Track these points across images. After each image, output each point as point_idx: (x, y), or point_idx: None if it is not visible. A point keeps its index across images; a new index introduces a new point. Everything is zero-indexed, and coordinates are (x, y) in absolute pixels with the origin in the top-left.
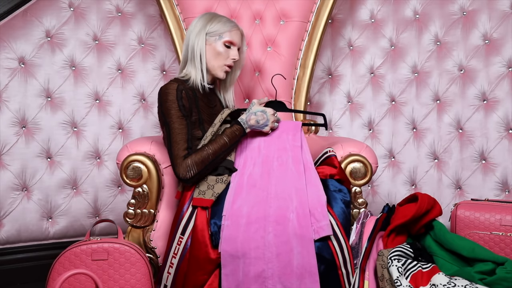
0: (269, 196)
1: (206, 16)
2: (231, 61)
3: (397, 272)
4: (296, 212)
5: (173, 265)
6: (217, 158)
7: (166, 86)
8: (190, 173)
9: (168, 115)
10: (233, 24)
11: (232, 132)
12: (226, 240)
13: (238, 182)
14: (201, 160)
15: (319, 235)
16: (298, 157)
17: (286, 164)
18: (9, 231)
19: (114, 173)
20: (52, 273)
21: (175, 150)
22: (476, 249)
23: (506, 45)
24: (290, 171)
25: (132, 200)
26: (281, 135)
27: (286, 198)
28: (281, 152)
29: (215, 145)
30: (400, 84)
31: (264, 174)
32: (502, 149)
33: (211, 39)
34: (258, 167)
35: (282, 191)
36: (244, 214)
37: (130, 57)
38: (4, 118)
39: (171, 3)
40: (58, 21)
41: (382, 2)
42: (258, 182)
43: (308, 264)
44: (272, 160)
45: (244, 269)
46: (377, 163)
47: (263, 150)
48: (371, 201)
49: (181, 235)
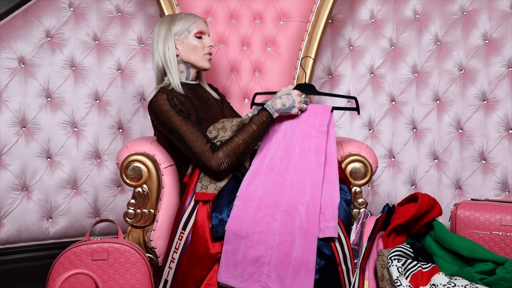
0: (284, 184)
1: (165, 20)
2: (208, 48)
3: (397, 272)
4: (306, 205)
5: (174, 260)
6: (248, 147)
7: (156, 99)
8: (223, 165)
9: (171, 123)
10: (194, 15)
11: (259, 119)
12: (234, 219)
13: (259, 164)
14: (232, 151)
15: (324, 234)
16: (321, 146)
17: (308, 153)
18: (9, 231)
19: (114, 173)
20: (52, 273)
21: (198, 148)
22: (476, 249)
23: (506, 45)
24: (310, 162)
25: (132, 200)
26: (309, 118)
27: (300, 189)
28: (305, 137)
29: (244, 134)
30: (400, 84)
31: (284, 159)
32: (502, 149)
33: (181, 37)
34: (280, 151)
35: (298, 181)
36: (256, 197)
37: (130, 57)
38: (4, 118)
39: (171, 3)
40: (58, 21)
41: (382, 2)
42: (277, 167)
43: (307, 259)
44: (294, 145)
45: (244, 251)
46: (377, 163)
47: (288, 134)
48: (371, 201)
49: (183, 230)
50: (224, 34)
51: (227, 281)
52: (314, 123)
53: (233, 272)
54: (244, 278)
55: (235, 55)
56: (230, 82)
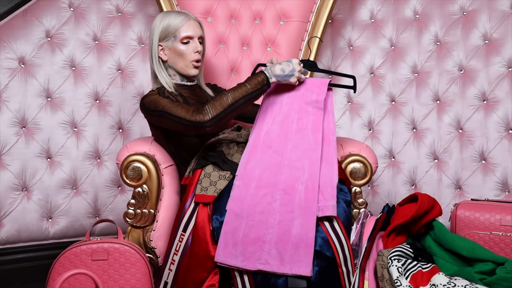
0: (283, 163)
1: (155, 22)
2: (195, 55)
3: (397, 272)
4: (305, 184)
5: (175, 262)
6: (237, 103)
7: (146, 95)
8: (208, 115)
9: (158, 106)
10: (183, 17)
11: (254, 79)
12: (234, 199)
13: (255, 139)
14: (219, 102)
15: (323, 213)
16: (318, 123)
17: (305, 130)
18: (9, 231)
19: (114, 173)
20: (52, 273)
21: (183, 112)
22: (476, 249)
23: (506, 45)
24: (307, 140)
25: (132, 200)
26: (306, 93)
27: (298, 168)
28: (302, 114)
29: (234, 90)
30: (400, 84)
31: (281, 135)
32: (502, 149)
33: (168, 43)
34: (277, 125)
35: (296, 159)
36: (255, 177)
37: (130, 57)
38: (4, 118)
39: (171, 3)
40: (58, 21)
41: (382, 2)
42: (274, 144)
43: (306, 235)
44: (292, 121)
45: (245, 230)
46: (377, 163)
47: (285, 107)
48: (371, 201)
49: (183, 232)
50: (224, 34)
51: (226, 261)
52: (311, 98)
53: (232, 251)
54: (245, 256)
55: (235, 55)
56: (230, 82)
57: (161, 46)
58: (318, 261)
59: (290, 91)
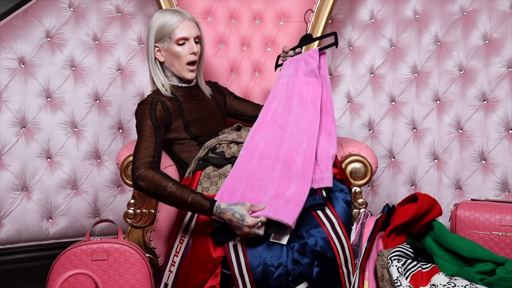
0: (284, 135)
1: (151, 22)
2: (191, 57)
3: (397, 272)
4: (303, 155)
5: (175, 263)
6: (168, 200)
7: (141, 102)
8: (141, 183)
9: (139, 123)
10: (179, 17)
11: (199, 202)
12: (237, 167)
13: (263, 116)
14: (154, 185)
15: (319, 185)
16: (317, 92)
17: (305, 101)
18: (9, 231)
19: (114, 173)
20: (52, 273)
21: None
22: (476, 249)
23: (506, 45)
24: (307, 110)
25: (132, 200)
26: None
27: (298, 140)
28: (303, 86)
29: (178, 191)
30: (400, 84)
31: (285, 111)
32: (502, 149)
33: (164, 44)
34: (283, 103)
35: (296, 132)
36: (260, 150)
37: (130, 57)
38: (4, 118)
39: (171, 3)
40: (58, 21)
41: (382, 2)
42: (279, 119)
43: (298, 197)
44: (294, 95)
45: (243, 193)
46: (377, 163)
47: (290, 85)
48: (371, 201)
49: (183, 234)
50: (224, 34)
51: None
52: (308, 70)
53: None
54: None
55: (235, 55)
56: (230, 82)
57: (157, 47)
58: (319, 262)
59: (292, 71)
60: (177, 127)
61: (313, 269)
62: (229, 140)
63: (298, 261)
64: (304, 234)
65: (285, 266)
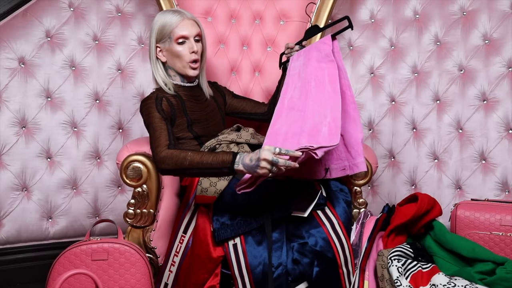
0: (306, 115)
1: (153, 23)
2: (192, 55)
3: (397, 272)
4: (328, 126)
5: (175, 263)
6: (193, 170)
7: (146, 98)
8: (164, 165)
9: (147, 118)
10: (178, 17)
11: (221, 156)
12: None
13: (280, 105)
14: (174, 161)
15: (353, 171)
16: (334, 74)
17: (323, 83)
18: (9, 231)
19: (114, 173)
20: (52, 273)
21: (156, 143)
22: (476, 249)
23: (506, 45)
24: (326, 91)
25: (132, 200)
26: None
27: (321, 115)
28: (318, 72)
29: (196, 156)
30: (400, 84)
31: (302, 96)
32: (502, 149)
33: (165, 44)
34: (297, 90)
35: (318, 111)
36: (282, 133)
37: (130, 57)
38: (4, 118)
39: (171, 3)
40: (58, 21)
41: (382, 2)
42: (297, 104)
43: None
44: (309, 81)
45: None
46: (377, 163)
47: (303, 74)
48: (371, 201)
49: (183, 234)
50: (224, 34)
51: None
52: (321, 56)
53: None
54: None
55: (235, 55)
56: (230, 82)
57: (159, 47)
58: (319, 262)
59: (303, 61)
60: (181, 124)
61: (313, 269)
62: (229, 141)
63: (298, 261)
64: (304, 234)
65: (285, 266)
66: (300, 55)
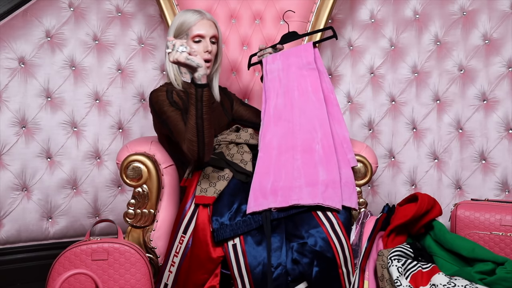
0: (295, 128)
1: (173, 21)
2: (205, 55)
3: (397, 272)
4: (321, 143)
5: (175, 263)
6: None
7: (156, 90)
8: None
9: (162, 113)
10: (198, 16)
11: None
12: (259, 166)
13: (266, 115)
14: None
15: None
16: (316, 83)
17: (306, 93)
18: (9, 231)
19: (114, 173)
20: (52, 273)
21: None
22: (476, 249)
23: (506, 45)
24: (311, 101)
25: (132, 200)
26: (296, 60)
27: (311, 130)
28: (300, 79)
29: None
30: (400, 84)
31: (287, 105)
32: (502, 149)
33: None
34: (281, 98)
35: (306, 122)
36: (275, 146)
37: (130, 57)
38: (4, 118)
39: (171, 3)
40: (58, 21)
41: (382, 2)
42: (283, 114)
43: (332, 178)
44: (292, 89)
45: (274, 184)
46: (377, 163)
47: (283, 80)
48: (371, 201)
49: (183, 234)
50: (224, 34)
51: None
52: (302, 63)
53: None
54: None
55: (235, 55)
56: (230, 82)
57: None
58: (319, 262)
59: (282, 66)
60: None
61: (312, 269)
62: (228, 141)
63: (297, 261)
64: (303, 234)
65: (285, 266)
66: (276, 58)
